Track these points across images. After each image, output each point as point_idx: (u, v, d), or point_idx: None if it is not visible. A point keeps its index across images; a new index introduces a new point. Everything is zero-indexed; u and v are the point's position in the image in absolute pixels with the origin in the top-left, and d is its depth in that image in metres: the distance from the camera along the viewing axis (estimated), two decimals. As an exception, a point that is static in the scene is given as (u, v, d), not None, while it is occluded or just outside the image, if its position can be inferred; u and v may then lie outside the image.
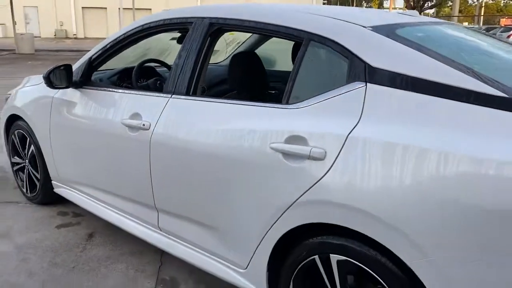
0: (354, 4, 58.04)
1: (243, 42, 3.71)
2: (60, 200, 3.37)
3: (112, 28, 36.58)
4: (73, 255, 2.77)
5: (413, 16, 2.30)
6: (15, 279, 2.50)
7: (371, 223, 1.53)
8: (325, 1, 58.13)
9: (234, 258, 2.05)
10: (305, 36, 1.90)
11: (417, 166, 1.44)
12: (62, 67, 2.76)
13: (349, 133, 1.62)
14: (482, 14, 48.76)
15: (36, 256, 2.74)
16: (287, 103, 1.87)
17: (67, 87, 2.80)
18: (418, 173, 1.44)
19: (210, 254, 2.19)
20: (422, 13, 34.33)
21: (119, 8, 36.52)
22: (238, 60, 2.59)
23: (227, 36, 3.85)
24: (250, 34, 3.45)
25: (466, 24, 43.69)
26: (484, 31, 2.74)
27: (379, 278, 1.56)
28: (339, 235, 1.66)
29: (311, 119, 1.74)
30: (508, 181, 1.29)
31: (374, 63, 1.67)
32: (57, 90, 2.93)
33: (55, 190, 3.24)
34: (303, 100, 1.82)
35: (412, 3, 27.82)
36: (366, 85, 1.67)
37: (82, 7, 36.09)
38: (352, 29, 1.82)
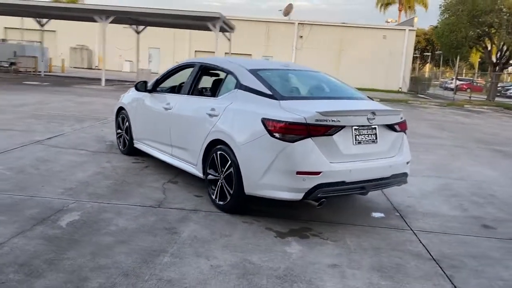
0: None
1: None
2: (135, 154, 6.48)
3: (217, 69, 41.92)
4: (137, 171, 5.79)
5: (286, 64, 5.07)
6: (111, 174, 5.57)
7: (226, 136, 4.29)
8: (423, 62, 58.17)
9: (193, 161, 4.89)
10: (226, 71, 4.76)
11: (243, 116, 4.20)
12: (142, 82, 5.91)
13: (227, 106, 4.43)
14: None
15: (122, 170, 5.81)
16: (215, 96, 4.74)
17: (144, 91, 5.94)
18: (242, 118, 4.19)
19: (186, 162, 5.05)
20: (505, 69, 34.07)
21: (226, 53, 41.95)
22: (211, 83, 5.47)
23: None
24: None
25: None
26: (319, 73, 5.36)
27: (228, 157, 4.29)
28: (220, 144, 4.43)
29: (219, 102, 4.58)
30: (258, 119, 3.99)
31: (242, 82, 4.48)
32: (139, 92, 6.08)
33: (135, 145, 6.34)
34: (220, 95, 4.67)
35: (494, 59, 28.56)
36: (238, 90, 4.47)
37: (195, 50, 41.95)
38: (241, 69, 4.64)
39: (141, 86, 5.92)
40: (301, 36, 41.32)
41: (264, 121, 3.94)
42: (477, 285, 3.30)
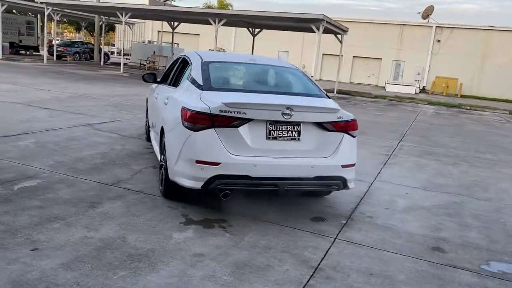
0: None
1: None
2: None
3: (343, 73, 41.28)
4: (138, 155, 6.31)
5: (252, 58, 5.03)
6: (112, 155, 6.18)
7: (164, 124, 4.50)
8: None
9: (157, 142, 5.20)
10: (190, 63, 4.95)
11: (174, 105, 4.38)
12: (151, 74, 6.41)
13: (173, 96, 4.63)
14: None
15: (126, 152, 6.39)
16: (175, 86, 4.97)
17: (152, 83, 6.44)
18: (173, 107, 4.37)
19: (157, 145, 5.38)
20: None
21: (353, 56, 41.08)
22: None
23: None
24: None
25: None
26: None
27: (163, 139, 4.49)
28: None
29: (173, 91, 4.81)
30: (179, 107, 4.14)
31: (191, 73, 4.63)
32: (151, 83, 6.59)
33: (150, 132, 6.90)
34: (178, 86, 4.89)
35: None
36: (186, 80, 4.65)
37: (323, 54, 41.92)
38: (197, 61, 4.78)
39: (148, 78, 6.42)
40: (439, 40, 38.25)
41: (181, 110, 4.06)
42: (331, 300, 2.98)
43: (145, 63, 29.01)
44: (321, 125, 4.06)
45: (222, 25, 20.09)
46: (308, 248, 3.72)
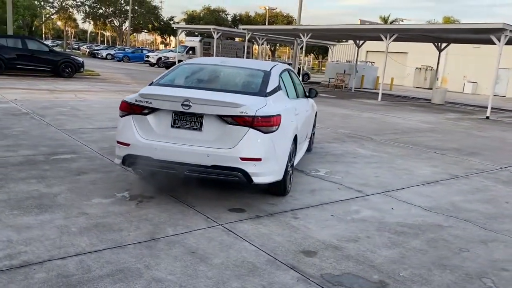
0: None
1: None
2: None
3: None
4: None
5: (223, 61, 5.50)
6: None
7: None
8: None
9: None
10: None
11: None
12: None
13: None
14: None
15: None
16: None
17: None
18: None
19: None
20: None
21: None
22: None
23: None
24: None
25: None
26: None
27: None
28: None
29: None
30: None
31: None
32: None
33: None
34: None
35: None
36: (163, 80, 5.51)
37: (554, 71, 35.09)
38: (181, 62, 5.56)
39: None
40: None
41: None
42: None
43: (329, 81, 30.14)
44: (223, 118, 4.32)
45: (394, 40, 19.56)
46: (179, 226, 4.09)
